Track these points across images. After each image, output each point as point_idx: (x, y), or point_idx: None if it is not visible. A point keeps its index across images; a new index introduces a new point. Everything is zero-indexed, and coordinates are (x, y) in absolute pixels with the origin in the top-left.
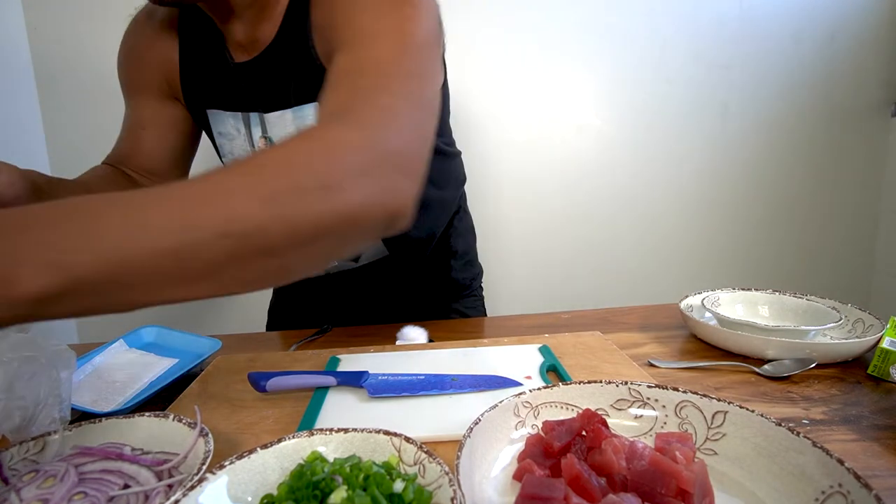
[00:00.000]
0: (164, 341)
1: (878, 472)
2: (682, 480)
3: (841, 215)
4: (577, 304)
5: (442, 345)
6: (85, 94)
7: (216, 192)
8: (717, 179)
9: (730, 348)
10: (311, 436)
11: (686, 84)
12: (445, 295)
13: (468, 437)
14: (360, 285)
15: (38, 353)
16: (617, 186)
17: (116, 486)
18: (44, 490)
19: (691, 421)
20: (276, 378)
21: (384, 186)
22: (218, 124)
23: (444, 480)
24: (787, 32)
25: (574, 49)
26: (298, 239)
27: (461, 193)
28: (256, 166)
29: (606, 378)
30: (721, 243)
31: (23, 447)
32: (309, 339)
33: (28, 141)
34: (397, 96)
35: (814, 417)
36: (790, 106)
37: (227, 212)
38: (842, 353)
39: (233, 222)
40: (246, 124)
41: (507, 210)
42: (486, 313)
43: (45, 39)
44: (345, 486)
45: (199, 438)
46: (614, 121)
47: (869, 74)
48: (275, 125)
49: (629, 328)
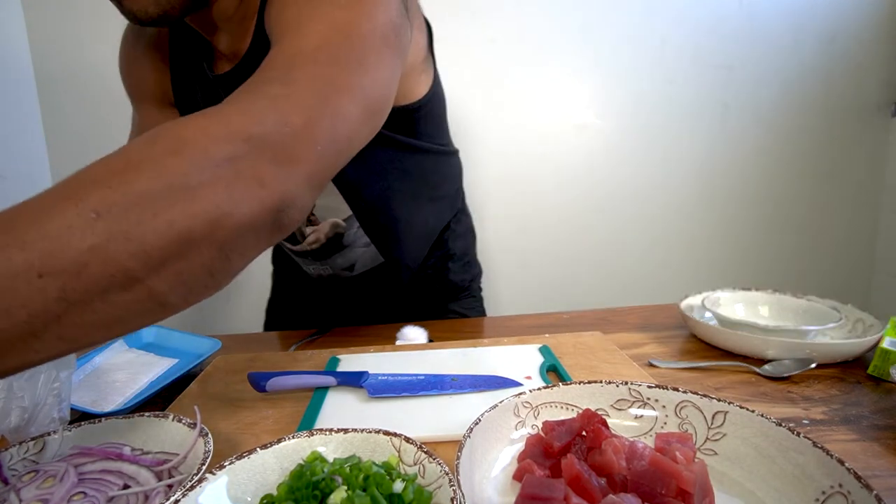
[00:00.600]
0: (163, 341)
1: (878, 472)
2: (682, 480)
3: (841, 215)
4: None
5: (442, 345)
6: (85, 94)
7: (26, 221)
8: (716, 179)
9: (730, 348)
10: (311, 436)
11: (686, 84)
12: (443, 296)
13: (468, 437)
14: (356, 291)
15: None
16: (617, 186)
17: (116, 487)
18: (43, 490)
19: (691, 421)
20: (276, 378)
21: (251, 178)
22: None
23: (444, 481)
24: (787, 32)
25: (574, 49)
26: (153, 259)
27: (460, 193)
28: (82, 177)
29: (606, 378)
30: (721, 243)
31: (22, 447)
32: (309, 339)
33: (28, 142)
34: (297, 84)
35: (814, 417)
36: (790, 106)
37: (42, 244)
38: (842, 353)
39: (51, 256)
40: None
41: (507, 210)
42: (486, 314)
43: (45, 39)
44: (344, 487)
45: (199, 438)
46: (614, 121)
47: (869, 74)
48: None
49: (629, 328)
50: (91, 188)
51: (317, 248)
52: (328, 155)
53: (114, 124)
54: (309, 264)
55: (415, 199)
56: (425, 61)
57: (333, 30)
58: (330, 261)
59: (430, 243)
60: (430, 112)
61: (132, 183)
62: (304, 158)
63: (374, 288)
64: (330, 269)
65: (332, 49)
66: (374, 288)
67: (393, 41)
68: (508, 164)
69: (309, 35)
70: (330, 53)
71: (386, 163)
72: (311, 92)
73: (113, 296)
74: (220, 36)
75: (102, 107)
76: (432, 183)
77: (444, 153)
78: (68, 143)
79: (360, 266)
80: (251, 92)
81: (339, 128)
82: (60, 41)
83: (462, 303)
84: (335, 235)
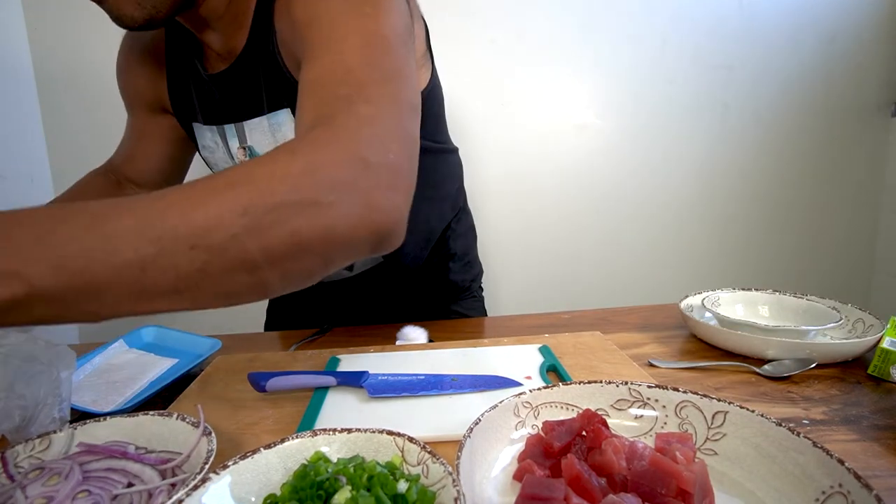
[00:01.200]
0: (164, 341)
1: (878, 472)
2: (683, 480)
3: (841, 215)
4: (577, 304)
5: (442, 345)
6: (85, 94)
7: (188, 204)
8: (716, 179)
9: (730, 348)
10: (315, 436)
11: (686, 84)
12: (444, 297)
13: (468, 437)
14: (356, 291)
15: (39, 354)
16: (617, 186)
17: (120, 485)
18: (48, 488)
19: (691, 421)
20: (276, 378)
21: (369, 202)
22: (200, 137)
23: (447, 481)
24: (787, 32)
25: (574, 49)
26: (275, 255)
27: (461, 192)
28: (233, 180)
29: (606, 378)
30: (721, 243)
31: (28, 445)
32: (309, 339)
33: (28, 142)
34: (376, 103)
35: (814, 417)
36: (790, 106)
37: (199, 225)
38: (842, 353)
39: (204, 236)
40: (222, 137)
41: (507, 210)
42: (486, 314)
43: (44, 39)
44: (348, 487)
45: (203, 438)
46: (614, 121)
47: (869, 74)
48: (253, 132)
49: (629, 328)
50: (241, 190)
51: None
52: (414, 175)
53: (114, 124)
54: None
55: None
56: (424, 55)
57: (369, 44)
58: None
59: (431, 244)
60: (428, 109)
61: (273, 194)
62: (404, 184)
63: (374, 288)
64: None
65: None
66: (374, 288)
67: (409, 42)
68: (508, 164)
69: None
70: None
71: None
72: (390, 113)
73: (236, 276)
74: (212, 35)
75: (102, 107)
76: (432, 182)
77: (443, 151)
78: (68, 143)
79: (359, 265)
80: (342, 112)
81: (414, 147)
82: (60, 41)
83: (463, 303)
84: None
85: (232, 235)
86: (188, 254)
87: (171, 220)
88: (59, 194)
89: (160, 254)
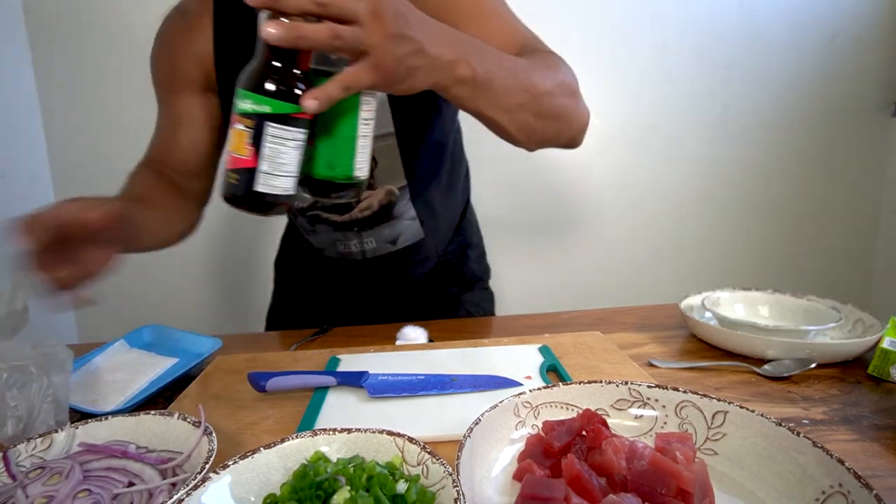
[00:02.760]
0: (164, 341)
1: (878, 472)
2: (683, 480)
3: (841, 215)
4: (577, 304)
5: (442, 345)
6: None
7: (537, 70)
8: (717, 179)
9: (730, 348)
10: (315, 436)
11: (687, 84)
12: (459, 285)
13: (468, 437)
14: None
15: (28, 361)
16: (617, 186)
17: (121, 484)
18: (49, 487)
19: (691, 421)
20: (276, 378)
21: (583, 107)
22: None
23: (447, 481)
24: (787, 32)
25: (574, 49)
26: (552, 113)
27: (468, 180)
28: (550, 65)
29: (606, 378)
30: (721, 243)
31: (30, 444)
32: (309, 339)
33: (28, 141)
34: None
35: (814, 417)
36: (790, 106)
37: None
38: (842, 353)
39: (536, 86)
40: None
41: (506, 210)
42: (495, 311)
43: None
44: (348, 487)
45: (203, 437)
46: (615, 121)
47: (869, 74)
48: None
49: (629, 328)
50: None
51: (368, 215)
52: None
53: (114, 124)
54: (349, 239)
55: (446, 180)
56: None
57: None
58: (375, 231)
59: (453, 227)
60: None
61: (554, 77)
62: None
63: (393, 274)
64: (374, 242)
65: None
66: (392, 274)
67: None
68: (508, 164)
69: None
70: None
71: (443, 135)
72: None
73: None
74: None
75: (102, 106)
76: (456, 158)
77: (459, 130)
78: (68, 142)
79: (402, 240)
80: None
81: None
82: (60, 41)
83: (475, 293)
84: (387, 204)
85: (543, 93)
86: (527, 91)
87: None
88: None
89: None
